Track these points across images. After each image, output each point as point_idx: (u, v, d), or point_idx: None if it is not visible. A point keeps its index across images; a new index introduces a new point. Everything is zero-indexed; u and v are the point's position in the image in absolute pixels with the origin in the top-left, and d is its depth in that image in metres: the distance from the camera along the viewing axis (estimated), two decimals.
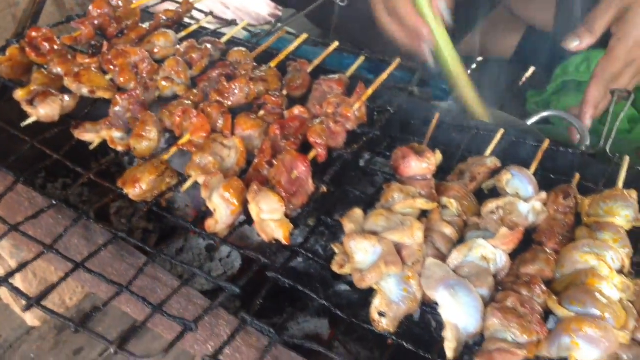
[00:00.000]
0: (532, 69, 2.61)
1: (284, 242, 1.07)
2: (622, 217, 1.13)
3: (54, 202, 1.17)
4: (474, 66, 2.62)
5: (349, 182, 1.27)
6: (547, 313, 1.02)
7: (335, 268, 1.06)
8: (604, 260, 1.04)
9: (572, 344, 0.93)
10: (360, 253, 1.04)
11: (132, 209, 1.52)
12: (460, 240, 1.12)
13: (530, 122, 1.81)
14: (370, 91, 1.38)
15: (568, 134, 1.63)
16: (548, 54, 2.39)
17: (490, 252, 1.06)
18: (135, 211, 1.52)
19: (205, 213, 1.14)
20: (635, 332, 0.97)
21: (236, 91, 1.30)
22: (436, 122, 1.39)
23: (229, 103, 1.31)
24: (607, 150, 1.38)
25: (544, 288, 1.01)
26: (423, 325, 1.21)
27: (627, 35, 1.52)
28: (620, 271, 1.07)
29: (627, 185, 1.24)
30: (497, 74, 2.52)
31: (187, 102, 1.30)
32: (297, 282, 1.06)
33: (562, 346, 0.94)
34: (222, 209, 1.11)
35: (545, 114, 1.85)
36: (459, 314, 0.97)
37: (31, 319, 1.70)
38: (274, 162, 1.17)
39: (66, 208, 1.17)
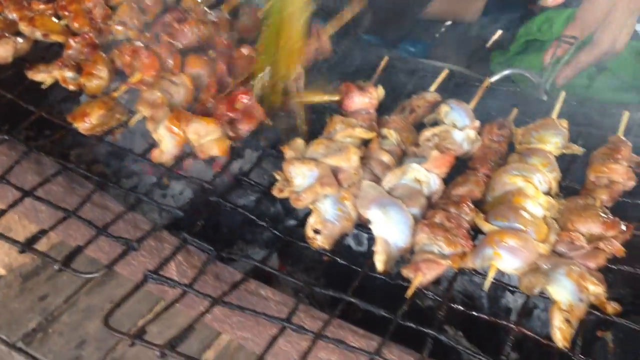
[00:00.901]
0: (499, 32, 2.65)
1: (221, 155, 1.11)
2: (552, 144, 1.19)
3: (6, 137, 1.20)
4: (442, 29, 2.66)
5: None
6: (477, 233, 1.08)
7: (275, 192, 1.11)
8: (531, 182, 1.10)
9: (494, 255, 0.99)
10: (298, 177, 1.08)
11: (91, 154, 1.56)
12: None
13: (492, 79, 1.86)
14: (331, 29, 1.43)
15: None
16: (512, 16, 2.43)
17: (424, 175, 1.10)
18: (94, 157, 1.55)
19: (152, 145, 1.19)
20: (555, 244, 1.03)
21: (187, 33, 1.34)
22: (385, 65, 1.44)
23: (180, 45, 1.34)
24: (547, 88, 1.43)
25: (472, 206, 1.06)
26: (369, 255, 1.26)
27: None
28: (548, 193, 1.13)
29: (563, 118, 1.29)
30: (464, 36, 2.56)
31: (138, 43, 1.33)
32: (248, 218, 1.09)
33: (485, 257, 1.00)
34: (167, 140, 1.15)
35: (506, 72, 1.90)
36: (390, 230, 1.02)
37: None
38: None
39: (17, 142, 1.20)
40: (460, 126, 1.21)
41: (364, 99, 1.24)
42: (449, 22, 2.65)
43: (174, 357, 0.87)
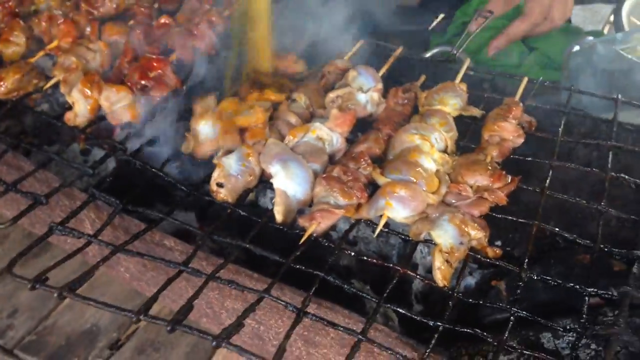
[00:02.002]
0: (441, 15, 2.72)
1: (132, 121, 1.15)
2: (450, 106, 1.25)
3: None
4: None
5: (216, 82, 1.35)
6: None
7: (182, 149, 1.15)
8: (427, 140, 1.16)
9: (386, 205, 1.05)
10: (202, 131, 1.13)
11: (20, 126, 1.58)
12: None
13: (426, 55, 1.94)
14: None
15: None
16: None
17: (326, 134, 1.16)
18: (22, 128, 1.57)
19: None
20: (446, 196, 1.10)
21: (106, 2, 1.37)
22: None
23: (97, 13, 1.37)
24: (457, 57, 1.50)
25: (369, 161, 1.12)
26: None
27: None
28: (445, 150, 1.19)
29: (471, 85, 1.37)
30: (407, 20, 2.63)
31: (57, 12, 1.36)
32: (172, 185, 1.14)
33: (378, 207, 1.06)
34: (80, 103, 1.19)
35: (435, 50, 1.99)
36: (289, 183, 1.08)
37: None
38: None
39: None
40: (365, 88, 1.27)
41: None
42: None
43: (72, 298, 0.91)
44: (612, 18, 2.94)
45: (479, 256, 1.03)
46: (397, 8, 2.72)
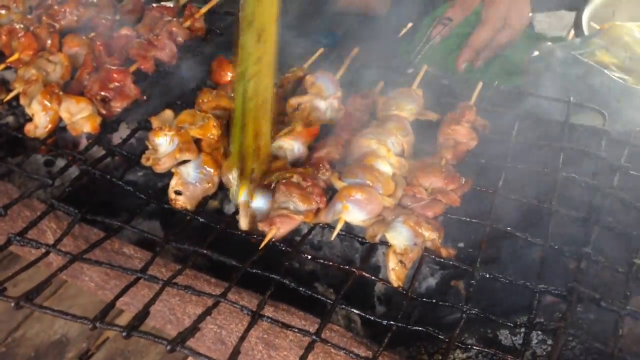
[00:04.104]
0: (409, 24, 2.78)
1: (92, 132, 1.17)
2: (407, 110, 1.28)
3: None
4: (354, 22, 2.77)
5: (174, 93, 1.37)
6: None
7: (143, 161, 1.17)
8: (384, 144, 1.19)
9: (343, 208, 1.07)
10: (162, 145, 1.14)
11: None
12: None
13: None
14: (204, 9, 1.49)
15: None
16: (419, 8, 2.57)
17: (287, 143, 1.18)
18: None
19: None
20: (402, 199, 1.12)
21: (66, 14, 1.38)
22: None
23: (58, 26, 1.38)
24: (415, 62, 1.54)
25: (327, 166, 1.14)
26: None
27: None
28: (402, 154, 1.22)
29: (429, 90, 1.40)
30: (376, 28, 2.68)
31: (19, 25, 1.36)
32: (135, 192, 1.14)
33: (336, 211, 1.08)
34: (40, 115, 1.19)
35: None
36: None
37: None
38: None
39: None
40: (325, 95, 1.29)
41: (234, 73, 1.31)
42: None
43: (28, 307, 0.92)
44: None
45: (433, 257, 1.06)
46: (365, 18, 2.76)
